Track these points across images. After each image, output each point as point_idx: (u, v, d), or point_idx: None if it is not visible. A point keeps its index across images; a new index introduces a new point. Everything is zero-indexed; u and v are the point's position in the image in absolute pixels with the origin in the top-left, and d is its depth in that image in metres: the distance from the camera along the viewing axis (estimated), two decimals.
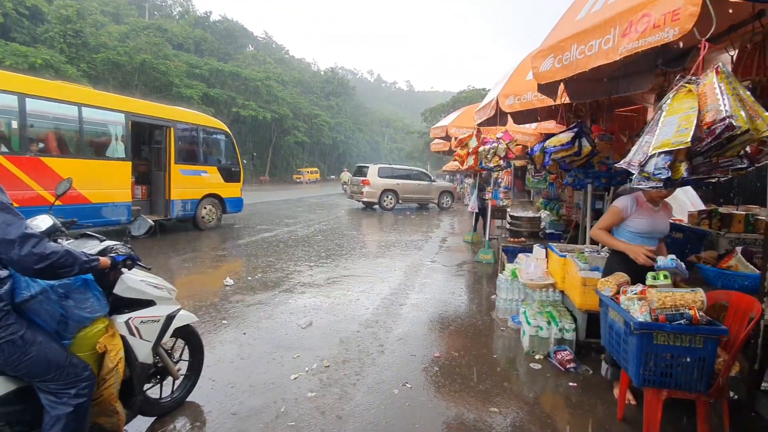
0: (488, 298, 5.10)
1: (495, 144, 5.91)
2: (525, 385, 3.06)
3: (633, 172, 2.05)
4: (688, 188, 5.48)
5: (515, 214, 6.21)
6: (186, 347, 2.61)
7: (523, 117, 5.04)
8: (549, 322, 3.43)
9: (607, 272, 2.83)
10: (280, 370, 3.07)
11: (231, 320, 4.04)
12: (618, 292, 2.46)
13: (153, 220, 2.55)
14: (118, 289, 2.01)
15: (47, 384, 1.64)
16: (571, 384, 3.01)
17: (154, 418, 2.41)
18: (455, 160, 7.62)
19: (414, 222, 12.81)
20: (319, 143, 46.27)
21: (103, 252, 1.91)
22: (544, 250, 4.20)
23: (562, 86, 3.25)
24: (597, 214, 5.07)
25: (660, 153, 1.87)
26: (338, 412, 2.55)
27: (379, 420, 2.50)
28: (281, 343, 3.57)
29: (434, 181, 17.49)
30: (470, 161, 6.30)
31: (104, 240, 2.07)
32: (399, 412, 2.59)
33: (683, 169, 1.86)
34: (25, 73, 7.79)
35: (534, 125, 6.37)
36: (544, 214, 7.04)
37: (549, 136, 4.37)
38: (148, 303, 2.16)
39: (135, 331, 2.04)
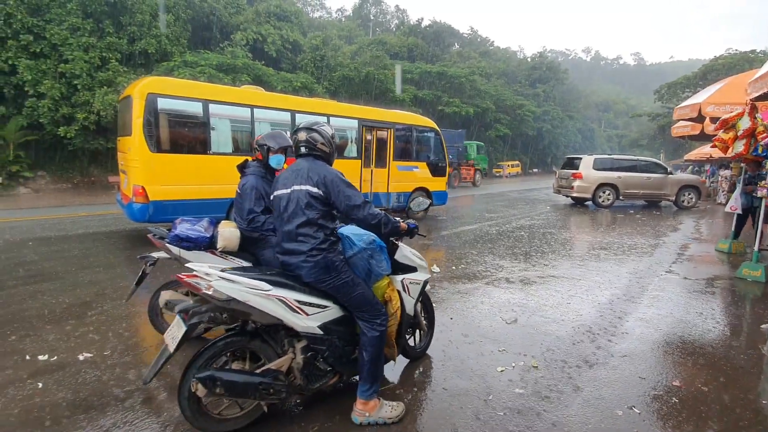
0: (755, 328, 3.89)
1: None
2: None
3: None
4: None
5: None
6: (423, 311, 3.15)
7: None
8: None
9: None
10: (486, 360, 3.14)
11: (438, 304, 4.34)
12: None
13: None
14: (397, 256, 2.68)
15: (362, 314, 2.30)
16: None
17: (407, 362, 3.02)
18: (714, 146, 5.95)
19: (640, 222, 10.79)
20: (521, 134, 44.06)
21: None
22: None
23: None
24: None
25: None
26: (551, 417, 2.44)
27: None
28: (486, 334, 3.63)
29: (671, 173, 14.18)
30: (738, 147, 4.82)
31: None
32: None
33: None
34: (290, 94, 10.24)
35: None
36: None
37: None
38: (413, 269, 2.77)
39: (406, 288, 2.67)
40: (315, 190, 2.21)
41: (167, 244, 2.99)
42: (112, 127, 13.48)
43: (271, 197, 2.41)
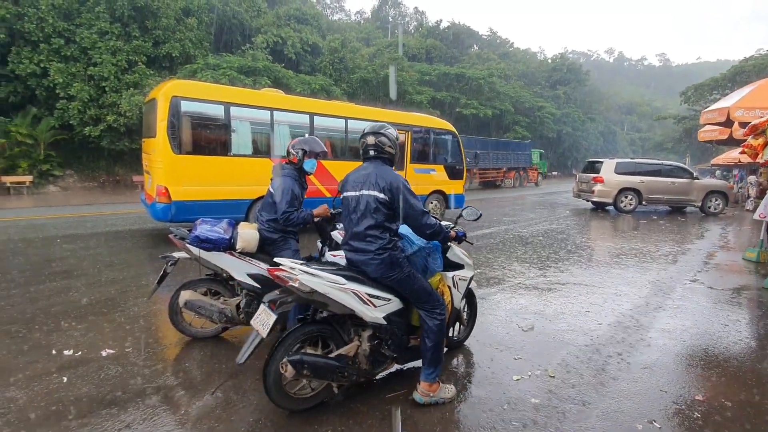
0: None
1: None
2: None
3: None
4: None
5: None
6: (466, 304, 3.38)
7: None
8: None
9: None
10: (501, 368, 3.10)
11: None
12: None
13: None
14: (449, 254, 2.98)
15: (423, 304, 2.51)
16: None
17: (446, 349, 3.12)
18: (743, 152, 5.73)
19: (664, 229, 10.48)
20: (541, 137, 43.36)
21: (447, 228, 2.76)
22: None
23: None
24: None
25: None
26: (568, 429, 2.39)
27: None
28: (501, 341, 3.58)
29: (697, 178, 13.73)
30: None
31: (442, 221, 2.87)
32: None
33: None
34: (308, 96, 10.33)
35: None
36: None
37: None
38: (461, 266, 3.03)
39: (456, 284, 2.92)
40: (382, 196, 2.39)
41: (187, 245, 3.07)
42: (137, 128, 13.87)
43: (341, 197, 2.63)
